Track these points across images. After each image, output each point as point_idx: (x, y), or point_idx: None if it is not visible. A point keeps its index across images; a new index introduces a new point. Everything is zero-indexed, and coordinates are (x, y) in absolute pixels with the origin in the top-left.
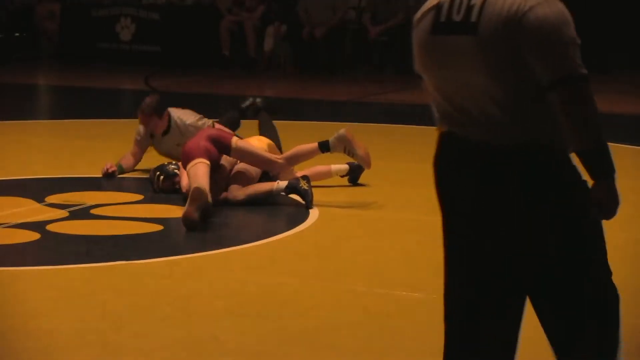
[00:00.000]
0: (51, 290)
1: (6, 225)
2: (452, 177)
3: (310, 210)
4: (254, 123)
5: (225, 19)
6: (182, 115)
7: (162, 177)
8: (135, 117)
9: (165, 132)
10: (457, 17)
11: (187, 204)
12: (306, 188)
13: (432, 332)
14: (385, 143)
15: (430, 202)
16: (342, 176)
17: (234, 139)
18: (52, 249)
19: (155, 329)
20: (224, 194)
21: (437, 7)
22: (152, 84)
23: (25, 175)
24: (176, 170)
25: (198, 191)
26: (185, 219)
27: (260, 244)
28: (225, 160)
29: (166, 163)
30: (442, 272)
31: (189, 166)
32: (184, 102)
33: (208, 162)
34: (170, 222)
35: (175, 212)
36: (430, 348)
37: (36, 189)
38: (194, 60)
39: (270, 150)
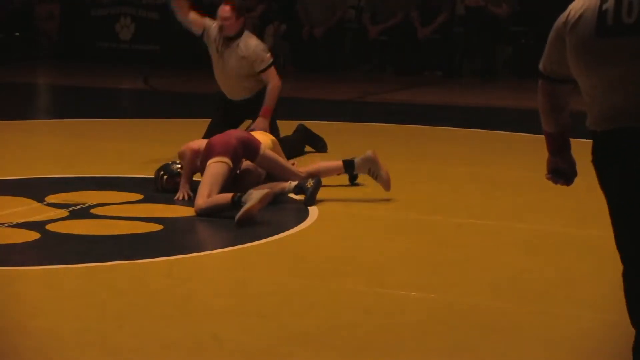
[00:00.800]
0: (51, 290)
1: (6, 224)
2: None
3: (310, 210)
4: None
5: None
6: (254, 39)
7: (165, 176)
8: (137, 117)
9: (232, 37)
10: (628, 20)
11: (253, 202)
12: (309, 186)
13: (432, 332)
14: (385, 143)
15: (429, 201)
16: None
17: (263, 147)
18: (52, 248)
19: (155, 329)
20: None
21: (600, 11)
22: (151, 83)
23: (25, 174)
24: (179, 170)
25: (269, 196)
26: (248, 216)
27: (260, 243)
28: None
29: (170, 162)
30: (442, 272)
31: (212, 160)
32: (183, 101)
33: (231, 165)
34: (170, 222)
35: (175, 211)
36: (430, 347)
37: (36, 189)
38: (193, 60)
39: (274, 146)
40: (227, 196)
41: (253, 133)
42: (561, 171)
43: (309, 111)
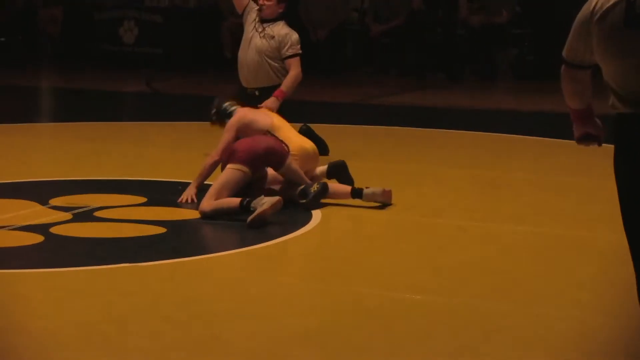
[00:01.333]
0: (55, 292)
1: (10, 227)
2: None
3: (313, 212)
4: None
5: (228, 21)
6: (288, 28)
7: (215, 111)
8: (140, 120)
9: (268, 20)
10: None
11: (266, 206)
12: (313, 191)
13: (434, 334)
14: (387, 145)
15: (431, 204)
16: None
17: (290, 158)
18: (56, 251)
19: (159, 330)
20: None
21: (628, 1)
22: (154, 86)
23: (29, 177)
24: (233, 111)
25: (280, 203)
26: (261, 219)
27: (263, 246)
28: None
29: (229, 103)
30: (445, 275)
31: (230, 165)
32: (186, 104)
33: (249, 173)
34: (173, 225)
35: (179, 214)
36: (432, 350)
37: (40, 192)
38: (196, 63)
39: (281, 125)
40: (235, 201)
41: (260, 107)
42: (590, 136)
43: (311, 113)
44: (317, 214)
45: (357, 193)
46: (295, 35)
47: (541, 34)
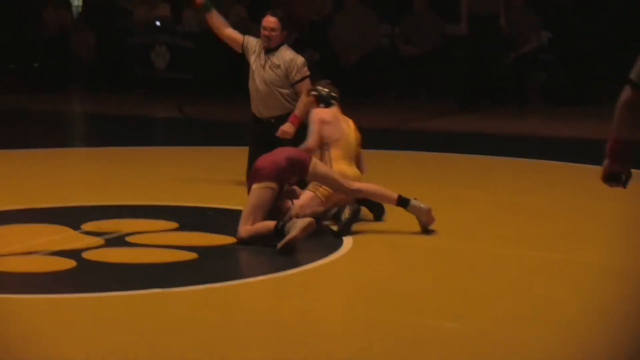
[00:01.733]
0: (88, 318)
1: (43, 253)
2: None
3: (344, 238)
4: None
5: None
6: (292, 52)
7: (315, 93)
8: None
9: (272, 50)
10: None
11: (296, 232)
12: (345, 218)
13: None
14: (418, 170)
15: (462, 228)
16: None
17: (313, 162)
18: (88, 276)
19: (191, 356)
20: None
21: None
22: (186, 111)
23: (61, 203)
24: (334, 98)
25: (312, 226)
26: (291, 245)
27: (295, 272)
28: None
29: (332, 93)
30: (476, 302)
31: (257, 185)
32: (218, 130)
33: (277, 188)
34: (205, 251)
35: (211, 240)
36: None
37: (72, 217)
38: (227, 88)
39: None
40: (270, 225)
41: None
42: (618, 176)
43: None
44: (348, 240)
45: (403, 202)
46: (300, 59)
47: (570, 58)
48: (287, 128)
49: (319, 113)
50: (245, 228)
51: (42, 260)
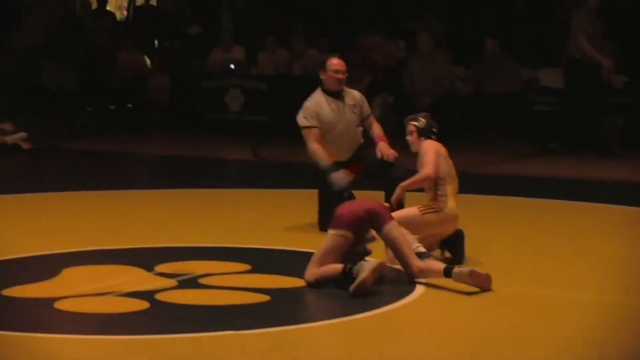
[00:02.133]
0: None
1: (117, 294)
2: None
3: (417, 282)
4: None
5: None
6: (351, 90)
7: (417, 124)
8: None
9: (339, 93)
10: None
11: (366, 273)
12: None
13: None
14: (490, 214)
15: (535, 274)
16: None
17: (392, 224)
18: (161, 318)
19: None
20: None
21: None
22: (260, 154)
23: (135, 244)
24: (434, 132)
25: (381, 266)
26: (363, 287)
27: (367, 315)
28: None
29: (432, 127)
30: (548, 349)
31: (332, 232)
32: (291, 172)
33: (351, 238)
34: (278, 293)
35: (283, 282)
36: None
37: (145, 258)
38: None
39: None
40: (338, 268)
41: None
42: None
43: None
44: (420, 285)
45: (447, 272)
46: (359, 93)
47: None
48: (388, 148)
49: (433, 144)
50: (312, 271)
51: (116, 301)
